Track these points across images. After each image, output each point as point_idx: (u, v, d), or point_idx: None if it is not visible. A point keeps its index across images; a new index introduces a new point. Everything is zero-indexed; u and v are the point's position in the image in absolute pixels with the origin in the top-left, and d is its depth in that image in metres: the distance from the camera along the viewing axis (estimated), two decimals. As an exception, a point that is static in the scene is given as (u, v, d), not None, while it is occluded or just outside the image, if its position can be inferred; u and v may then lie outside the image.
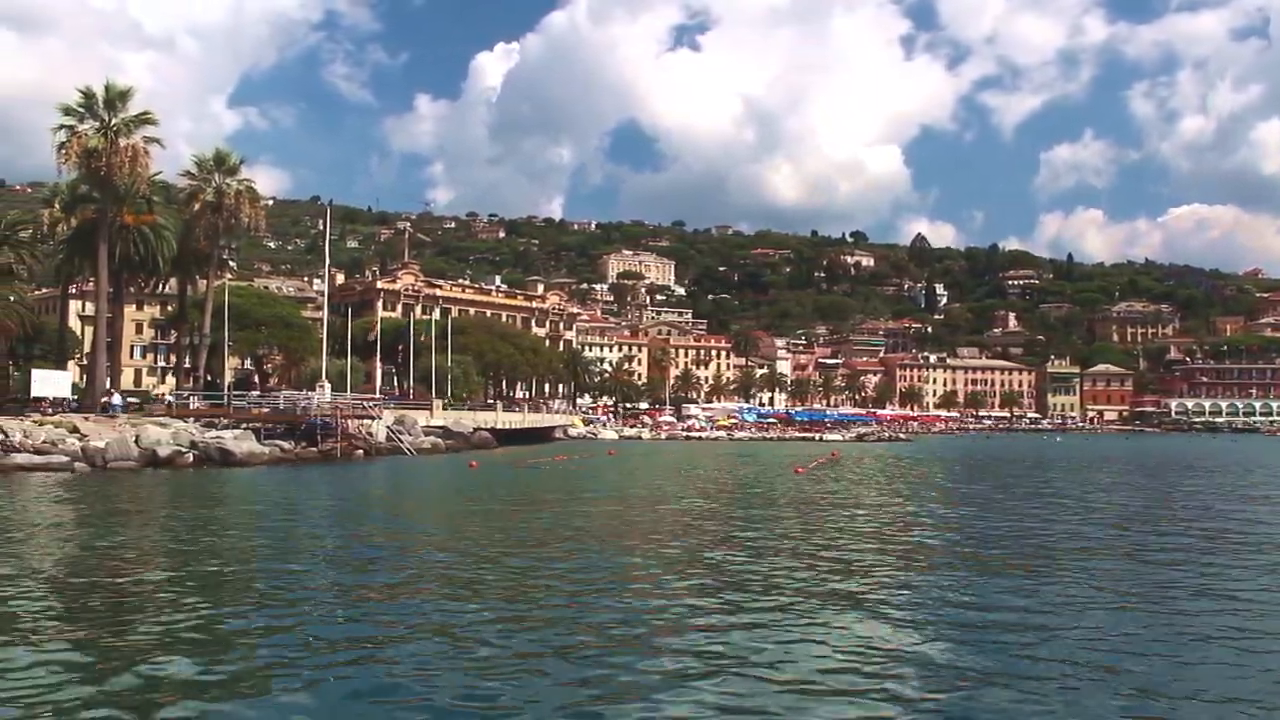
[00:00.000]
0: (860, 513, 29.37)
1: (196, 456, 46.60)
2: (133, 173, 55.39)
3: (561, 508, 30.89)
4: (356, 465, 51.91)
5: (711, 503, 33.09)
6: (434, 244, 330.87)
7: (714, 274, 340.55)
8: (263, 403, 62.71)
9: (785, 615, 13.97)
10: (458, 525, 26.53)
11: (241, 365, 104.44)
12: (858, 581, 17.03)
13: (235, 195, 64.45)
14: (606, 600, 15.05)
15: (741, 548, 21.31)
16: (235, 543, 21.90)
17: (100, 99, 55.64)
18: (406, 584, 16.55)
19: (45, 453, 42.12)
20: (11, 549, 19.90)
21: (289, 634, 12.65)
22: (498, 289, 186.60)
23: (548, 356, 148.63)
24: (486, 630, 12.76)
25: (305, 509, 29.82)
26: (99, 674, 10.57)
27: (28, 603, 14.52)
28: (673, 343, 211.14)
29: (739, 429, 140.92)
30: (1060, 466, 61.72)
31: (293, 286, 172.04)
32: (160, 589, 15.91)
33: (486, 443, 75.77)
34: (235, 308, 75.75)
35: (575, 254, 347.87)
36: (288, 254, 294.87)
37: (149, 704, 9.61)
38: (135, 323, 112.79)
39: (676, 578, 17.16)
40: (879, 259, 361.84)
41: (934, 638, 12.71)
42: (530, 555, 19.74)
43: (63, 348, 73.34)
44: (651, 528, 25.05)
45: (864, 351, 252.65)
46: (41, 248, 69.00)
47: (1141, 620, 13.93)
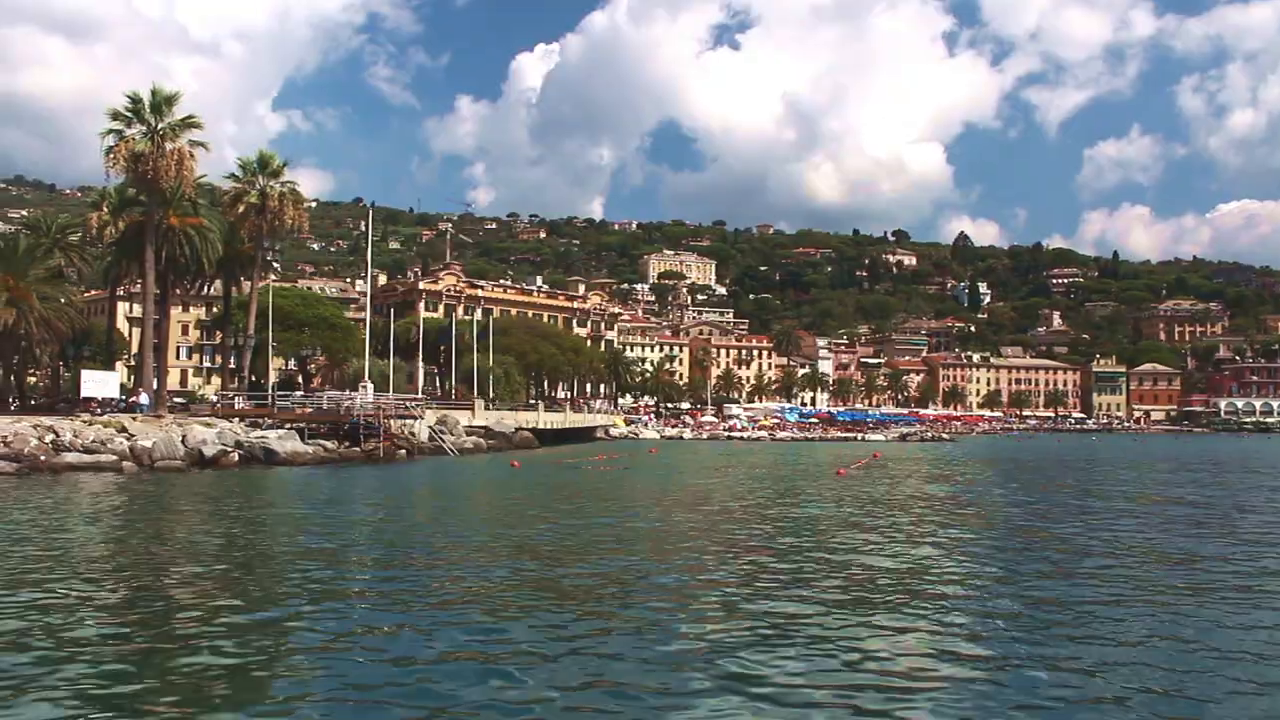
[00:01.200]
0: (905, 516, 29.12)
1: (241, 456, 47.02)
2: (178, 176, 56.00)
3: (604, 508, 30.94)
4: (399, 465, 52.17)
5: (754, 505, 32.89)
6: (475, 245, 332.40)
7: (755, 273, 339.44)
8: (306, 403, 63.19)
9: (830, 619, 13.89)
10: (501, 524, 26.59)
11: (285, 366, 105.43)
12: (905, 587, 16.89)
13: (279, 198, 64.98)
14: (648, 599, 15.03)
15: (784, 551, 21.18)
16: (281, 541, 22.10)
17: (147, 104, 56.29)
18: (450, 582, 16.61)
19: (94, 452, 42.66)
20: (64, 546, 20.16)
21: (333, 631, 12.72)
22: (539, 289, 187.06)
23: (589, 357, 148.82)
24: (530, 628, 12.78)
25: (349, 508, 30.04)
26: (150, 669, 10.70)
27: (80, 599, 14.71)
28: (714, 343, 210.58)
29: (781, 429, 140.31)
30: (1109, 466, 61.04)
31: (335, 288, 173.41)
32: (207, 587, 16.07)
33: (528, 443, 75.93)
34: (279, 309, 76.40)
35: (616, 254, 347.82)
36: (330, 255, 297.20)
37: (194, 699, 9.70)
38: (181, 324, 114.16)
39: (718, 579, 17.12)
40: (921, 258, 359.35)
41: (979, 641, 12.59)
42: (573, 554, 19.75)
43: (111, 349, 74.31)
44: (694, 528, 24.99)
45: (906, 351, 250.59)
46: (91, 250, 70.13)
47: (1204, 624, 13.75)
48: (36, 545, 20.09)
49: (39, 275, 59.91)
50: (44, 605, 14.07)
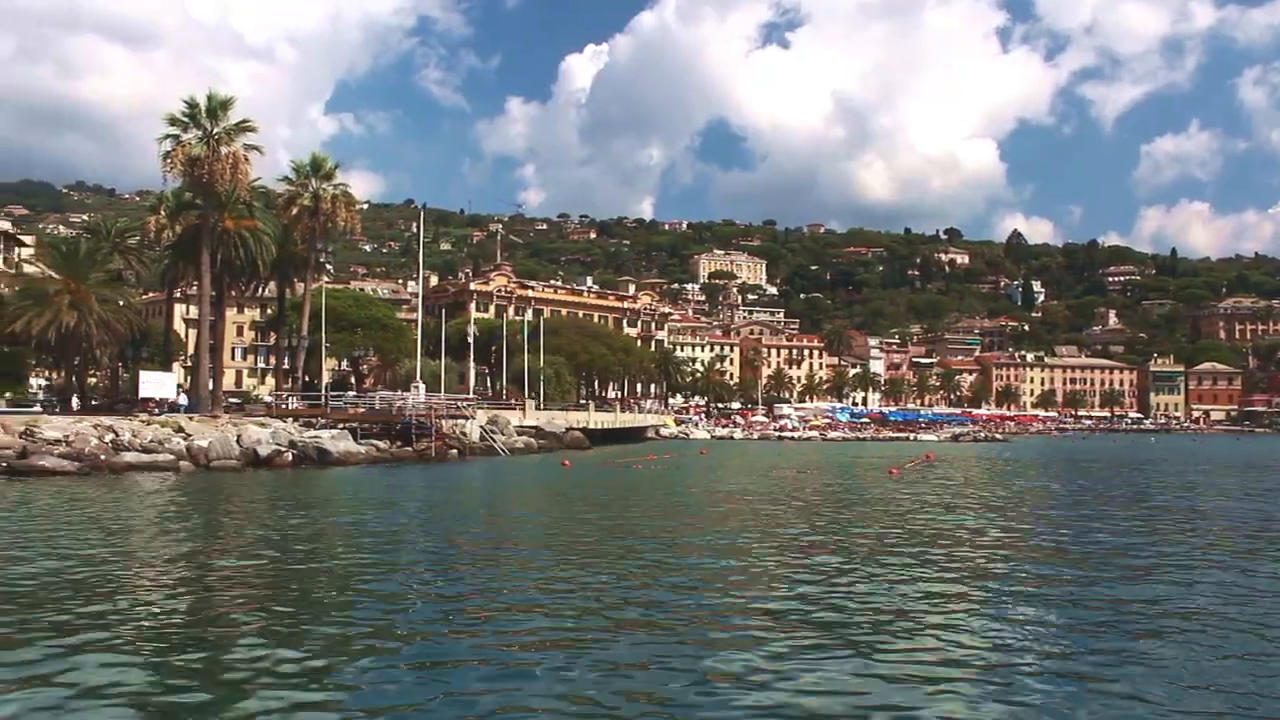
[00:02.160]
0: (961, 517, 28.82)
1: (295, 456, 47.51)
2: (234, 179, 56.66)
3: (655, 507, 30.97)
4: (451, 465, 52.47)
5: (806, 505, 32.73)
6: (526, 245, 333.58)
7: (806, 273, 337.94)
8: (359, 403, 63.79)
9: (887, 621, 13.79)
10: (552, 523, 26.69)
11: (338, 366, 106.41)
12: (962, 588, 16.72)
13: (331, 200, 65.62)
14: (703, 599, 14.99)
15: (840, 552, 21.04)
16: (335, 540, 22.30)
17: (203, 109, 57.04)
18: (502, 582, 16.65)
19: (152, 451, 43.27)
20: (124, 543, 20.45)
21: (385, 629, 12.81)
22: (589, 290, 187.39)
23: (639, 357, 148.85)
24: (585, 626, 12.79)
25: (402, 507, 30.22)
26: (204, 663, 10.82)
27: (142, 595, 14.91)
28: (765, 342, 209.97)
29: (832, 429, 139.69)
30: (1174, 467, 60.16)
31: (387, 289, 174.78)
32: (262, 585, 16.23)
33: (579, 443, 76.07)
34: (332, 310, 77.14)
35: (666, 254, 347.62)
36: (382, 257, 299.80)
37: (248, 693, 9.80)
38: (236, 325, 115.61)
39: (771, 581, 17.03)
40: (974, 256, 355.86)
41: (1034, 644, 12.43)
42: (625, 554, 19.71)
43: (168, 350, 75.45)
44: (746, 529, 24.89)
45: (959, 350, 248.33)
46: (149, 253, 71.25)
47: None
48: (98, 543, 20.38)
49: (99, 278, 60.87)
50: (103, 601, 14.27)
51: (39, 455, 39.06)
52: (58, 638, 11.93)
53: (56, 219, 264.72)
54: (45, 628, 12.47)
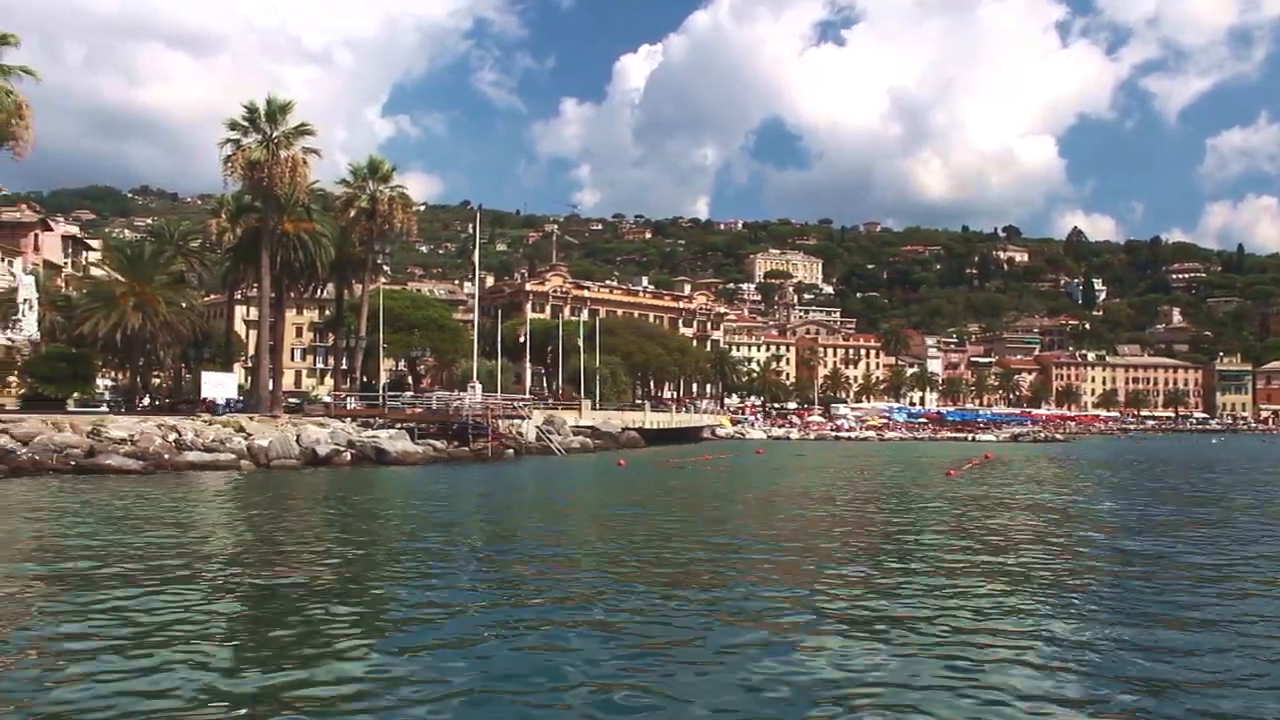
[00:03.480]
0: (1021, 519, 28.45)
1: (354, 455, 47.95)
2: (293, 182, 57.37)
3: (711, 507, 30.89)
4: (507, 464, 52.69)
5: (863, 505, 32.45)
6: (581, 246, 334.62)
7: (862, 272, 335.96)
8: (416, 403, 64.21)
9: (947, 624, 13.63)
10: (607, 522, 26.70)
11: (396, 367, 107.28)
12: (1023, 596, 16.49)
13: (388, 202, 66.19)
14: (758, 600, 14.90)
15: (897, 553, 20.85)
16: (393, 537, 22.45)
17: (262, 113, 57.81)
18: (559, 579, 16.65)
19: (214, 451, 43.89)
20: (190, 538, 20.73)
21: (441, 625, 12.85)
22: (645, 290, 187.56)
23: (695, 357, 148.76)
24: (640, 625, 12.76)
25: (459, 506, 30.41)
26: (263, 656, 10.93)
27: (205, 588, 15.10)
28: (821, 342, 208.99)
29: (889, 429, 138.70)
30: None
31: (444, 290, 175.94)
32: (322, 581, 16.35)
33: (635, 443, 76.15)
34: (389, 311, 77.75)
35: (722, 254, 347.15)
36: (439, 258, 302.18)
37: (301, 685, 9.88)
38: (295, 326, 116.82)
39: (831, 581, 16.88)
40: (1033, 254, 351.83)
41: (1098, 651, 12.24)
42: (678, 554, 19.65)
43: (229, 351, 76.47)
44: (802, 530, 24.73)
45: (1018, 349, 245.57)
46: (210, 256, 72.38)
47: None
48: (164, 538, 20.65)
49: (163, 281, 61.91)
50: (166, 595, 14.46)
51: (105, 454, 39.76)
52: (123, 627, 12.11)
53: (122, 223, 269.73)
54: (112, 618, 12.66)
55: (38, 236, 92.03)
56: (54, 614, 13.31)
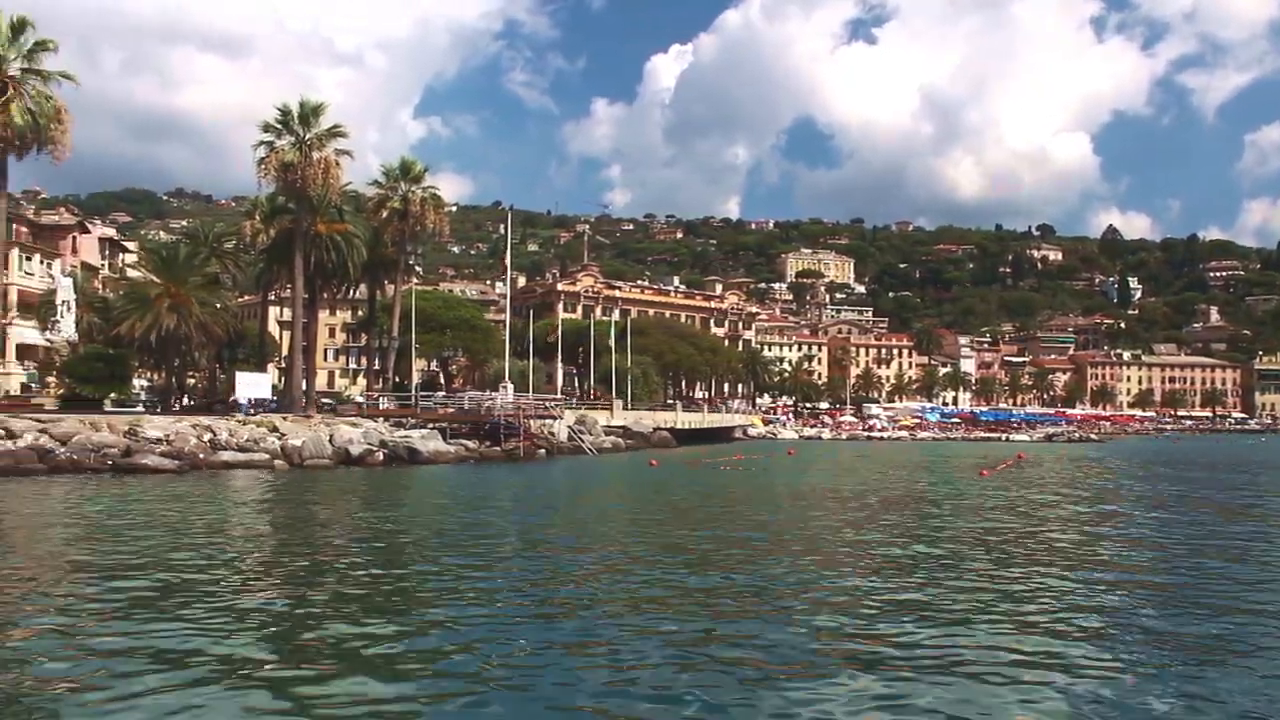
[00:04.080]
0: (1055, 519, 28.20)
1: (386, 455, 48.16)
2: (325, 184, 57.70)
3: (743, 507, 30.79)
4: (539, 464, 52.77)
5: (895, 505, 32.24)
6: (612, 246, 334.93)
7: (894, 271, 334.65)
8: (448, 403, 64.38)
9: (982, 627, 13.53)
10: (639, 521, 26.65)
11: (428, 367, 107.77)
12: (1053, 599, 16.35)
13: (420, 203, 66.45)
14: (795, 599, 14.83)
15: (933, 555, 20.67)
16: (425, 535, 22.49)
17: (295, 115, 58.18)
18: (592, 577, 16.64)
19: (248, 450, 44.25)
20: (225, 535, 20.86)
21: (473, 623, 12.85)
22: (676, 290, 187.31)
23: (727, 356, 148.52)
24: (672, 626, 12.72)
25: (491, 505, 30.45)
26: (292, 652, 10.97)
27: (235, 586, 15.18)
28: (853, 342, 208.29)
29: (922, 429, 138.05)
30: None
31: (476, 290, 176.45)
32: (354, 578, 16.41)
33: (666, 442, 76.12)
34: (421, 311, 78.05)
35: (753, 253, 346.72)
36: (470, 258, 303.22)
37: (338, 679, 9.90)
38: (328, 327, 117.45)
39: (862, 583, 16.79)
40: (1067, 252, 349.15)
41: (1126, 654, 12.10)
42: (711, 553, 19.60)
43: (263, 351, 76.98)
44: (836, 530, 24.60)
45: (1052, 349, 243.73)
46: (244, 257, 72.90)
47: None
48: (199, 535, 20.80)
49: (197, 282, 62.40)
50: (199, 591, 14.55)
51: (142, 454, 40.13)
52: (161, 622, 12.19)
53: (157, 225, 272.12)
54: (150, 613, 12.74)
55: (76, 239, 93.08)
56: (90, 609, 13.42)
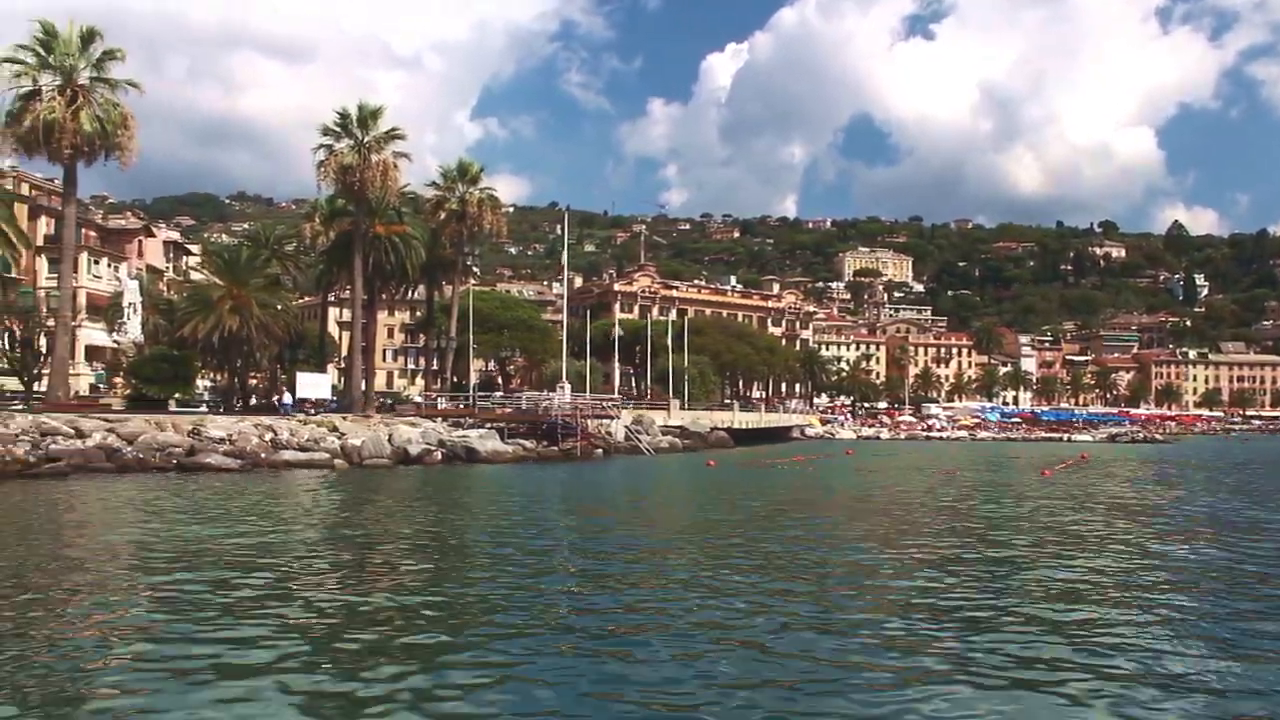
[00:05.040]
0: (1120, 521, 27.73)
1: (444, 454, 48.49)
2: (384, 186, 58.23)
3: (802, 508, 30.60)
4: (596, 464, 52.82)
5: (956, 505, 31.83)
6: (669, 246, 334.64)
7: (954, 269, 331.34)
8: (506, 403, 64.67)
9: (1049, 630, 13.34)
10: (697, 521, 26.61)
11: (485, 367, 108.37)
12: (1121, 607, 16.08)
13: (478, 204, 66.94)
14: (855, 602, 14.70)
15: (994, 556, 20.43)
16: (483, 532, 22.61)
17: (354, 119, 58.79)
18: (648, 577, 16.61)
19: (309, 450, 44.72)
20: (288, 531, 21.08)
21: (532, 622, 12.86)
22: (733, 289, 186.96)
23: (784, 356, 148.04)
24: (734, 630, 12.66)
25: (548, 504, 30.50)
26: (348, 648, 11.04)
27: (296, 581, 15.33)
28: (912, 341, 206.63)
29: (981, 429, 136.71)
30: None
31: (533, 290, 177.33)
32: (414, 575, 16.51)
33: (723, 442, 75.93)
34: (479, 312, 78.53)
35: (810, 252, 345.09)
36: (527, 259, 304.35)
37: (396, 677, 9.94)
38: (387, 327, 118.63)
39: (925, 585, 16.62)
40: (1130, 249, 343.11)
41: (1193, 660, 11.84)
42: (772, 554, 19.46)
43: (323, 352, 77.80)
44: (895, 531, 24.34)
45: (1115, 347, 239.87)
46: (304, 259, 73.84)
47: None
48: (263, 531, 21.03)
49: (259, 284, 63.17)
50: (260, 586, 14.71)
51: (205, 453, 40.70)
52: (223, 618, 12.33)
53: (220, 228, 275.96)
54: (207, 610, 12.89)
55: (141, 242, 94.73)
56: (155, 602, 13.61)
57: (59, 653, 10.96)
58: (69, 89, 48.36)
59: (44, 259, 74.43)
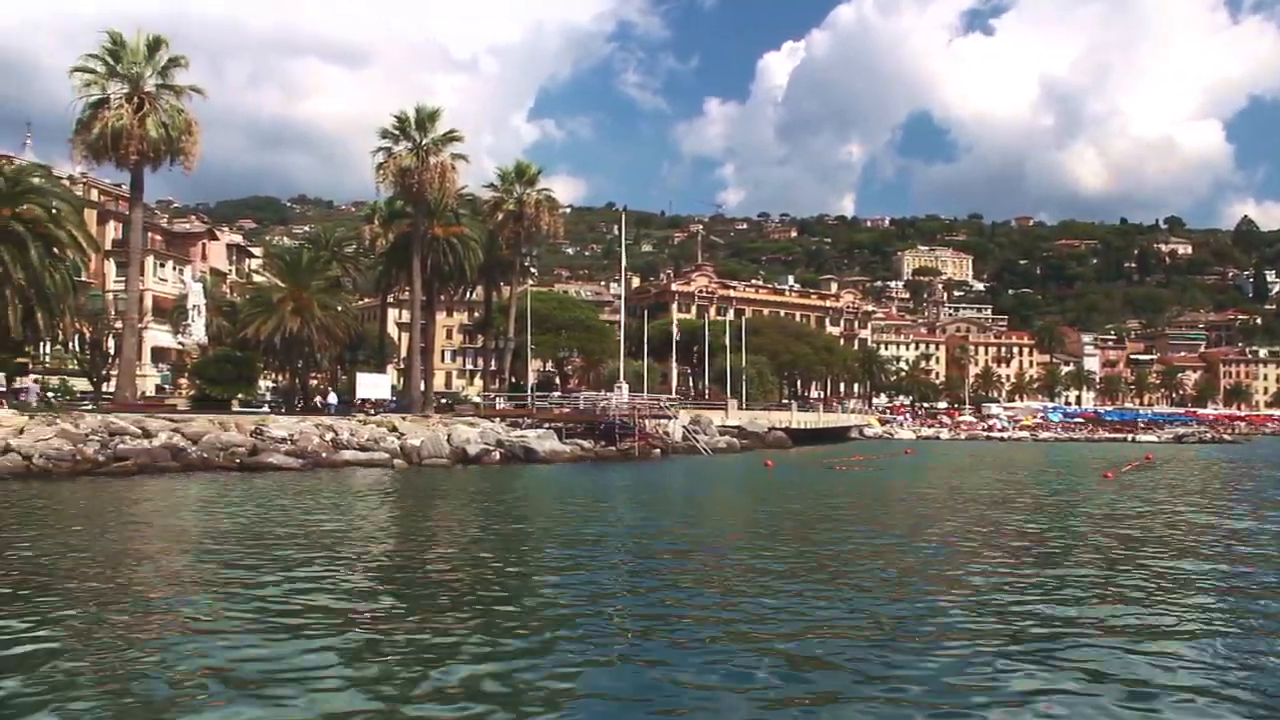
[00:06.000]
0: (1186, 525, 27.22)
1: (502, 454, 48.77)
2: (442, 188, 58.77)
3: (861, 509, 30.41)
4: (654, 464, 52.80)
5: (1019, 508, 31.35)
6: (726, 246, 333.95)
7: (1014, 268, 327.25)
8: (563, 403, 64.88)
9: (1108, 638, 13.13)
10: (755, 522, 26.49)
11: (543, 367, 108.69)
12: (1184, 614, 15.80)
13: (535, 205, 67.22)
14: (916, 605, 14.56)
15: (1058, 561, 20.14)
16: (541, 530, 22.71)
17: (412, 122, 59.35)
18: (706, 578, 16.57)
19: (369, 449, 45.27)
20: (350, 528, 21.31)
21: (593, 616, 12.87)
22: (791, 289, 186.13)
23: (842, 356, 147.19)
24: (786, 630, 12.59)
25: (607, 504, 30.51)
26: (401, 647, 11.12)
27: (357, 578, 15.48)
28: (972, 340, 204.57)
29: (1043, 429, 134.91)
30: None
31: (590, 291, 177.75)
32: (473, 571, 16.60)
33: (781, 442, 75.60)
34: (536, 312, 78.76)
35: (869, 251, 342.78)
36: (585, 259, 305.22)
37: (444, 675, 10.00)
38: (446, 328, 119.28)
39: (986, 594, 16.43)
40: (1197, 245, 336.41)
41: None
42: (832, 557, 19.34)
43: (383, 353, 78.59)
44: (958, 532, 24.02)
45: (1181, 346, 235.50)
46: (364, 261, 74.62)
47: None
48: (320, 530, 21.26)
49: (319, 285, 63.87)
50: (323, 581, 14.86)
51: (267, 453, 41.30)
52: (283, 616, 12.48)
53: (281, 231, 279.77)
54: (271, 602, 13.04)
55: (205, 246, 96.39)
56: (221, 597, 13.80)
57: (124, 644, 11.15)
58: (135, 97, 49.35)
59: (112, 263, 76.06)
